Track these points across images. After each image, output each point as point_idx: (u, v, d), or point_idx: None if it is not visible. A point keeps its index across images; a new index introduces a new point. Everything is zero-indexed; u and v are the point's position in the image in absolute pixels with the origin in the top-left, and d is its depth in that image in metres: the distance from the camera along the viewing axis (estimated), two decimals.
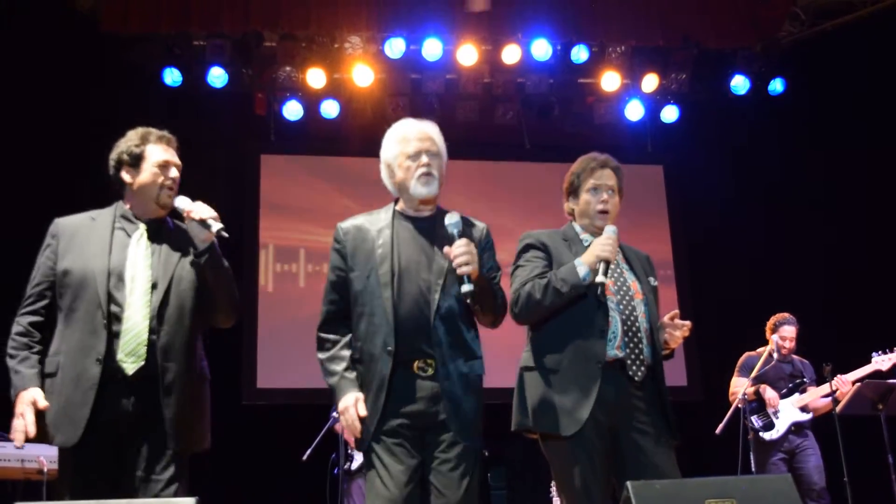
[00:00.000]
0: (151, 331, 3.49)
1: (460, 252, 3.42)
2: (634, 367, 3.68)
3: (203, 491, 3.49)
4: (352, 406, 3.46)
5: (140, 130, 3.76)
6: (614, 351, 3.67)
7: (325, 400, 7.49)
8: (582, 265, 3.67)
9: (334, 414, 7.03)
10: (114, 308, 3.48)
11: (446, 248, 3.48)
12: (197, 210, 3.63)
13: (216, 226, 3.59)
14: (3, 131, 7.62)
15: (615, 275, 3.81)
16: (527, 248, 3.91)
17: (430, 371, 3.46)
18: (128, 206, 3.71)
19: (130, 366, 3.44)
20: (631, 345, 3.69)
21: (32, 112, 7.75)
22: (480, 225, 3.76)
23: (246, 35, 8.85)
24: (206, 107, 8.98)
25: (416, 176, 3.61)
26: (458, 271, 3.41)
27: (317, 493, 7.62)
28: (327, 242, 3.80)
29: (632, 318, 3.73)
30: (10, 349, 3.51)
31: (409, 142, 3.67)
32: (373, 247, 3.59)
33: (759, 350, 7.17)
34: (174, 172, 3.73)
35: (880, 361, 6.90)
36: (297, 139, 9.68)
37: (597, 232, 3.87)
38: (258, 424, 8.64)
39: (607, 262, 3.65)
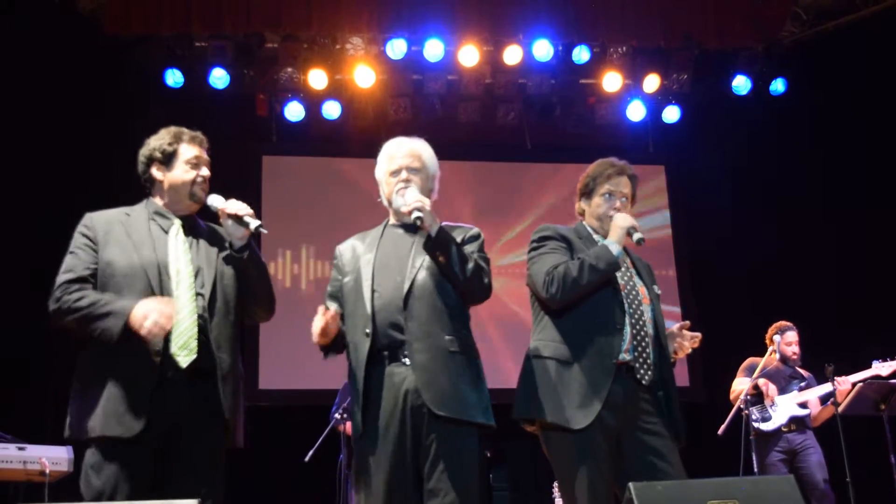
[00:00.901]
0: (201, 324, 3.50)
1: (413, 200, 3.62)
2: (642, 371, 3.70)
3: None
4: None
5: (173, 129, 3.80)
6: (623, 353, 3.68)
7: (327, 401, 7.53)
8: (613, 244, 3.77)
9: (336, 415, 7.03)
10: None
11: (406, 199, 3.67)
12: (232, 207, 3.66)
13: (254, 223, 3.63)
14: (6, 133, 7.63)
15: (625, 278, 3.83)
16: (547, 238, 3.93)
17: (407, 357, 3.54)
18: (161, 203, 3.73)
19: (184, 359, 3.42)
20: (639, 348, 3.71)
21: (35, 114, 7.75)
22: (470, 227, 3.90)
23: (247, 36, 8.87)
24: (208, 108, 8.98)
25: (396, 190, 3.79)
26: (413, 215, 3.58)
27: (319, 494, 7.63)
28: (330, 243, 3.98)
29: (640, 321, 3.76)
30: (72, 295, 3.42)
31: (393, 160, 3.90)
32: (361, 252, 3.80)
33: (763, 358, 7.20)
34: (206, 170, 3.79)
35: (880, 367, 6.89)
36: (299, 140, 9.68)
37: (606, 234, 3.90)
38: (260, 426, 8.62)
39: (634, 227, 3.78)
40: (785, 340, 7.16)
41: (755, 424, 6.90)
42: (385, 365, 3.57)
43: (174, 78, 8.82)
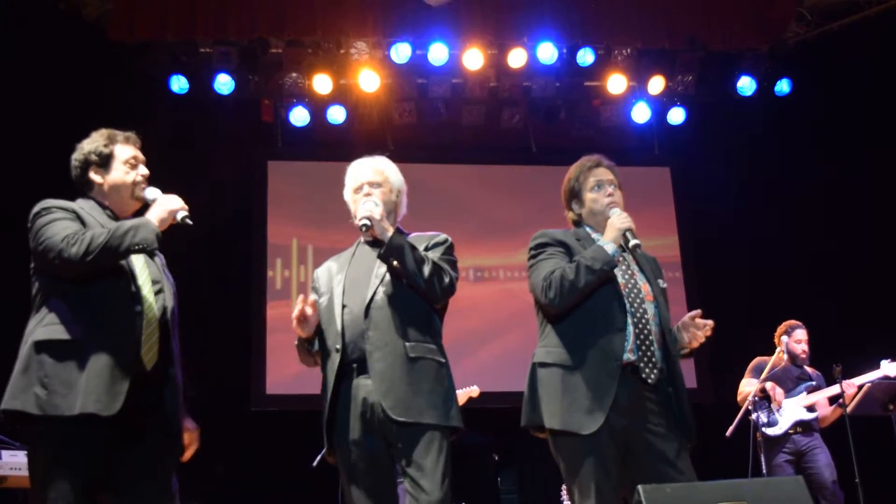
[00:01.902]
0: (163, 328, 3.53)
1: (362, 210, 3.74)
2: (647, 370, 3.68)
3: (212, 496, 3.51)
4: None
5: (105, 131, 3.79)
6: (627, 354, 3.67)
7: None
8: (608, 243, 3.75)
9: None
10: (140, 300, 3.50)
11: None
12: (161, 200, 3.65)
13: (180, 213, 3.60)
14: (10, 140, 7.64)
15: (626, 276, 3.81)
16: (544, 244, 3.93)
17: (373, 368, 3.59)
18: (105, 204, 3.70)
19: (149, 362, 3.45)
20: (643, 347, 3.70)
21: (39, 120, 7.76)
22: (437, 234, 3.93)
23: (252, 42, 8.87)
24: (213, 114, 9.01)
25: (359, 206, 3.86)
26: (360, 223, 3.72)
27: (327, 499, 7.62)
28: (336, 248, 4.05)
29: (643, 320, 3.74)
30: (85, 236, 3.40)
31: (356, 179, 4.00)
32: (335, 272, 3.89)
33: (772, 357, 7.18)
34: (144, 169, 3.76)
35: (888, 367, 6.87)
36: (304, 145, 9.69)
37: (602, 228, 3.90)
38: (267, 431, 8.65)
39: (630, 230, 3.76)
40: (794, 339, 7.15)
41: (762, 429, 6.89)
42: (353, 378, 3.63)
43: (179, 84, 8.84)
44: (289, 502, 8.47)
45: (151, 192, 3.71)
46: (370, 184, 3.93)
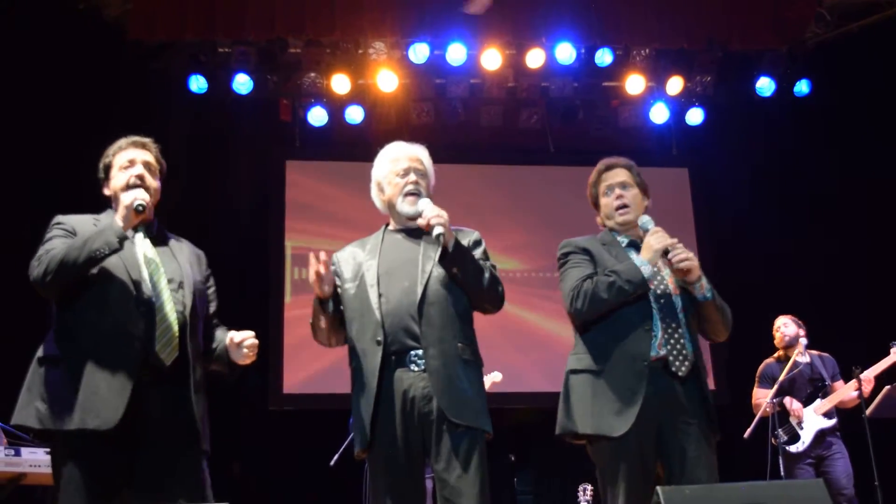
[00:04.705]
0: (181, 326, 3.51)
1: (433, 214, 3.58)
2: (678, 363, 3.69)
3: (230, 495, 3.51)
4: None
5: (114, 144, 3.79)
6: (656, 349, 3.68)
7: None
8: (645, 264, 3.75)
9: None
10: (146, 299, 3.48)
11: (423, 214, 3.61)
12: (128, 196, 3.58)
13: (135, 203, 3.50)
14: (30, 139, 7.69)
15: (652, 272, 3.81)
16: (568, 253, 3.96)
17: (421, 364, 3.53)
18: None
19: (168, 356, 3.44)
20: (672, 341, 3.70)
21: (59, 120, 7.80)
22: (471, 232, 3.89)
23: (271, 42, 8.89)
24: (232, 113, 9.03)
25: (403, 193, 3.78)
26: (434, 230, 3.55)
27: (345, 498, 7.64)
28: None
29: (671, 314, 3.75)
30: (49, 254, 3.40)
31: (398, 161, 3.86)
32: (363, 259, 3.77)
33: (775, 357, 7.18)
34: (138, 169, 3.68)
35: None
36: (322, 145, 9.70)
37: (626, 229, 3.95)
38: (285, 430, 8.67)
39: (667, 251, 3.74)
40: (774, 329, 7.24)
41: (785, 448, 6.84)
42: (393, 371, 3.56)
43: (198, 84, 8.87)
44: (306, 501, 8.49)
45: (128, 196, 3.57)
46: (417, 171, 3.84)
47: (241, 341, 3.63)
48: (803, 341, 7.04)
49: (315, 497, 8.36)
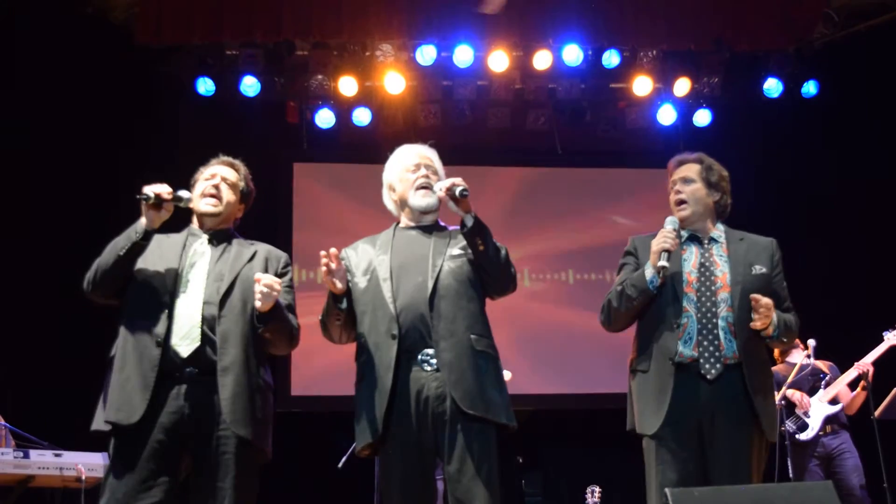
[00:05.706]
0: (207, 316, 3.57)
1: (446, 181, 3.65)
2: (708, 366, 3.68)
3: None
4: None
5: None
6: (690, 350, 3.69)
7: None
8: (648, 268, 3.79)
9: None
10: (171, 297, 3.59)
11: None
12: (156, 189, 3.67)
13: (143, 198, 3.62)
14: (39, 143, 7.71)
15: (697, 270, 3.83)
16: (624, 254, 4.06)
17: (434, 363, 3.53)
18: (195, 224, 3.90)
19: (185, 348, 3.51)
20: (705, 342, 3.70)
21: (67, 123, 7.82)
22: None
23: (278, 44, 8.90)
24: (239, 116, 9.04)
25: (414, 187, 3.82)
26: (457, 188, 3.59)
27: (351, 500, 7.64)
28: None
29: (710, 312, 3.74)
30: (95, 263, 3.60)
31: (409, 158, 3.92)
32: (374, 255, 3.78)
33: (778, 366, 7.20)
34: (215, 181, 3.90)
35: (893, 338, 6.85)
36: (330, 147, 9.71)
37: (689, 224, 4.04)
38: (292, 433, 8.65)
39: (668, 252, 3.75)
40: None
41: (795, 436, 6.87)
42: (409, 369, 3.55)
43: (205, 86, 8.87)
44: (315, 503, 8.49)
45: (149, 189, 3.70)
46: (428, 167, 3.91)
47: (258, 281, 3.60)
48: (812, 342, 7.02)
49: (323, 499, 8.36)
